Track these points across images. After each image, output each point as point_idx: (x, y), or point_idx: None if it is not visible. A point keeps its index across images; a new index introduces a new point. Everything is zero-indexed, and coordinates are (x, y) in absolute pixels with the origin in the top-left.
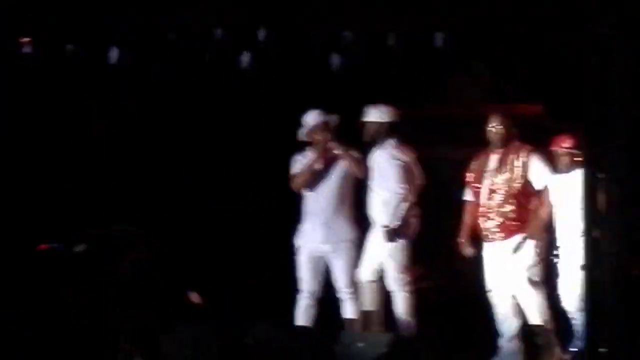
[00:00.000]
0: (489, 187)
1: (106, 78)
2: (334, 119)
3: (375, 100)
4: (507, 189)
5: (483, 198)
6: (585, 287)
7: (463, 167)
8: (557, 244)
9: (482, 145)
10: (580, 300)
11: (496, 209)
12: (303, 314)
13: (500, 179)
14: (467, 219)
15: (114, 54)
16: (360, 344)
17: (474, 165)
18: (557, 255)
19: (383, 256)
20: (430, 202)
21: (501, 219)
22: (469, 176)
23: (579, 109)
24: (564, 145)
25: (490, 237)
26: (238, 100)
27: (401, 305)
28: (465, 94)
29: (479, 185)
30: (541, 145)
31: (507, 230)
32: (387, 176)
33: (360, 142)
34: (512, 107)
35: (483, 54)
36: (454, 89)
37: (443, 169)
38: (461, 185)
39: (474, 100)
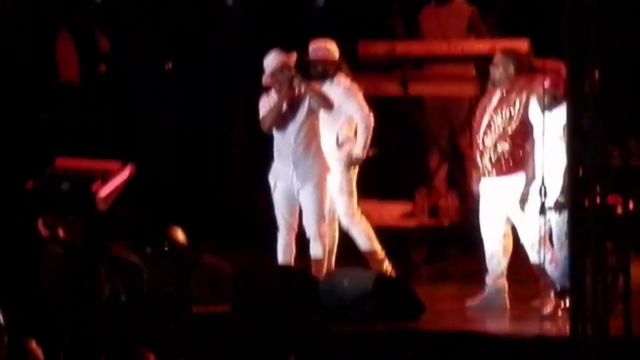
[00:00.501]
0: (487, 124)
1: (93, 14)
2: (292, 56)
3: (355, 37)
4: (504, 127)
5: (480, 135)
6: (570, 225)
7: (448, 104)
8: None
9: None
10: (561, 239)
11: (491, 146)
12: (283, 251)
13: (499, 116)
14: (475, 155)
15: None
16: (345, 283)
17: (480, 102)
18: (545, 194)
19: (333, 192)
20: (413, 141)
21: (495, 156)
22: (476, 114)
23: (562, 46)
24: (546, 84)
25: (485, 173)
26: (224, 37)
27: (359, 240)
28: (445, 29)
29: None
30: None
31: (500, 169)
32: (347, 108)
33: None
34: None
35: None
36: (433, 23)
37: (428, 107)
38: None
39: (454, 35)
